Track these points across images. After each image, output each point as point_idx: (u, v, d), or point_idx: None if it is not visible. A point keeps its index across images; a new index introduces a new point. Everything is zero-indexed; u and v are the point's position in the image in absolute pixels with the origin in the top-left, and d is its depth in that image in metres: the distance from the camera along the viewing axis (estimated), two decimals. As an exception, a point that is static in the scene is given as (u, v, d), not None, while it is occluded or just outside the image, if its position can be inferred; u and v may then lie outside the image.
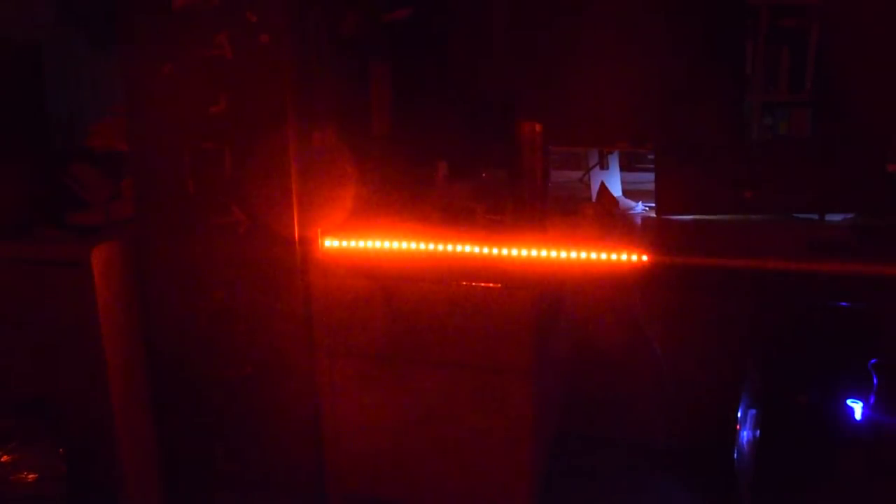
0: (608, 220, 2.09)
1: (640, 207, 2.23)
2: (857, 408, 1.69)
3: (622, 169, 2.36)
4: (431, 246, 1.85)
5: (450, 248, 1.83)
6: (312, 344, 1.94)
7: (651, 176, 2.14)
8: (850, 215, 2.03)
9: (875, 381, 1.69)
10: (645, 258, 1.72)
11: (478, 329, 1.80)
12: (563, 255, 1.77)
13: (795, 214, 2.07)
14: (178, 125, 1.87)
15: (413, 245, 1.86)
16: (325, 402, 1.97)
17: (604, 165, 2.34)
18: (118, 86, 1.94)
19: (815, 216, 2.04)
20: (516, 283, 1.77)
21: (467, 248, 1.82)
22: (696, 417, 2.28)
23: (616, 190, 2.31)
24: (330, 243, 1.91)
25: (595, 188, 2.29)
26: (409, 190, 2.20)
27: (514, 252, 1.80)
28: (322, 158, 1.92)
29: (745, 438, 1.97)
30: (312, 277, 1.90)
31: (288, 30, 1.77)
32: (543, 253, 1.78)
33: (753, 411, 1.91)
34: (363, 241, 1.90)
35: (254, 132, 1.82)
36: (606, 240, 1.81)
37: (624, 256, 1.74)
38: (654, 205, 2.12)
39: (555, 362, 2.21)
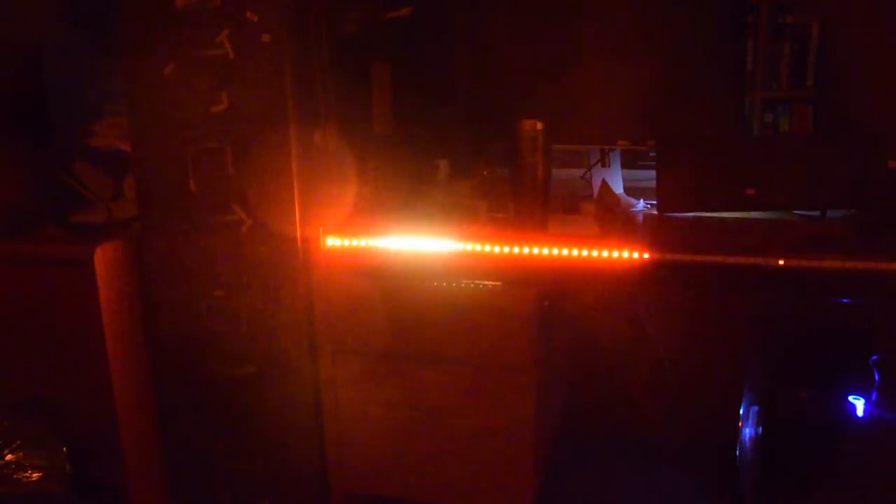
0: (609, 217, 2.09)
1: (641, 205, 2.23)
2: (859, 404, 1.69)
3: (624, 166, 2.36)
4: (433, 244, 1.85)
5: (451, 246, 1.84)
6: (314, 342, 1.94)
7: (652, 173, 2.13)
8: (851, 212, 2.03)
9: (877, 377, 1.69)
10: (646, 256, 1.73)
11: (479, 327, 1.80)
12: (565, 252, 1.77)
13: (797, 211, 2.07)
14: (179, 124, 1.87)
15: (414, 244, 1.86)
16: (327, 400, 1.98)
17: (605, 163, 2.33)
18: (120, 85, 1.94)
19: (817, 213, 2.03)
20: (517, 281, 1.78)
21: (469, 247, 1.83)
22: (697, 415, 2.28)
23: (617, 187, 2.31)
24: (332, 242, 1.91)
25: (596, 186, 2.28)
26: (410, 188, 2.20)
27: (516, 250, 1.80)
28: (323, 157, 1.92)
29: (747, 435, 1.97)
30: (314, 276, 1.91)
31: (289, 29, 1.77)
32: (545, 251, 1.78)
33: (755, 408, 1.91)
34: (365, 240, 1.90)
35: (255, 131, 1.82)
36: (608, 237, 1.81)
37: (625, 254, 1.74)
38: (655, 202, 2.12)
39: (556, 360, 2.20)
